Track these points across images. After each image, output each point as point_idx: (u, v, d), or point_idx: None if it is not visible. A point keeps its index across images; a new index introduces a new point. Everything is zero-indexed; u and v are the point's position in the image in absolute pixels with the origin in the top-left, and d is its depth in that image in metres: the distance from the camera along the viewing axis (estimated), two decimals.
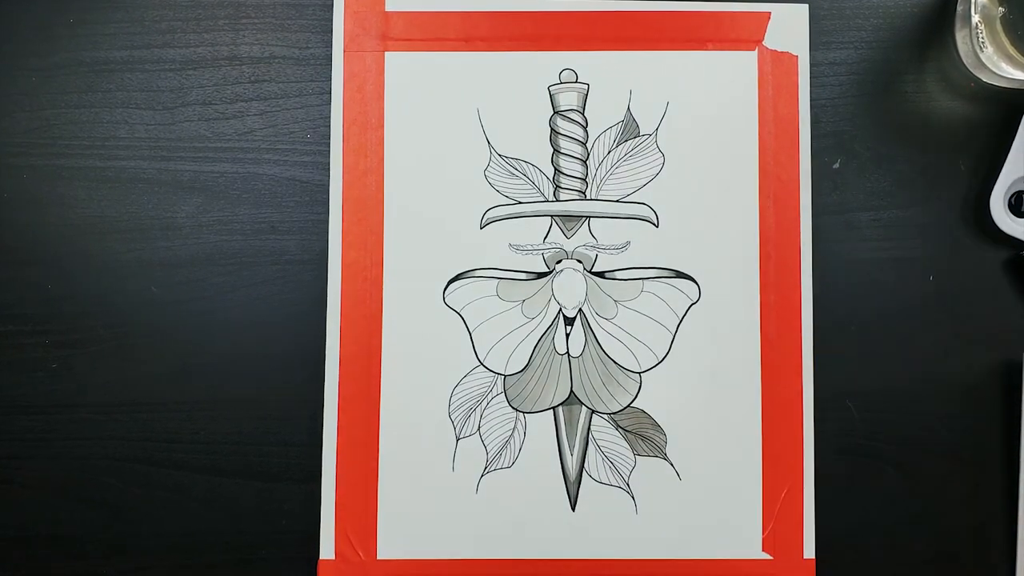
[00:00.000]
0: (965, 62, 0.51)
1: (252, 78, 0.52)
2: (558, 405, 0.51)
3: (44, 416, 0.52)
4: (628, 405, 0.51)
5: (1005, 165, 0.51)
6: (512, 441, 0.51)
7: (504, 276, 0.51)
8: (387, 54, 0.52)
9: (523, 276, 0.51)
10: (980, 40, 0.49)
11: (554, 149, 0.51)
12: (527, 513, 0.50)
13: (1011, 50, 0.48)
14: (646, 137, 0.51)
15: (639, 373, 0.51)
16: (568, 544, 0.50)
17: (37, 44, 0.52)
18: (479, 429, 0.51)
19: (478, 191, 0.51)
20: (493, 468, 0.51)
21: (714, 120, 0.51)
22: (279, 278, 0.52)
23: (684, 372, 0.51)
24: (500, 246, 0.51)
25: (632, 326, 0.51)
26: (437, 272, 0.51)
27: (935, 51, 0.52)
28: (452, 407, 0.51)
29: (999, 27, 0.48)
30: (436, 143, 0.51)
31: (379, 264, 0.51)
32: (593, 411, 0.51)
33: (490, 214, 0.51)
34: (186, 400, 0.51)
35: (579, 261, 0.51)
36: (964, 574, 0.51)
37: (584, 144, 0.51)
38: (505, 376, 0.51)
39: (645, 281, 0.51)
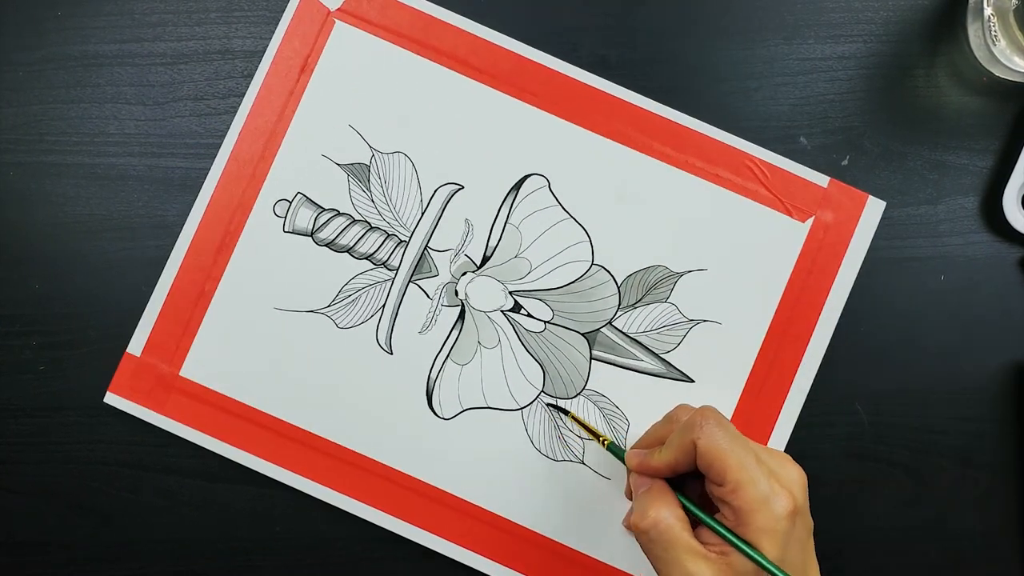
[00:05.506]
0: (977, 56, 0.50)
1: (245, 72, 0.51)
2: (594, 354, 0.50)
3: (32, 419, 0.50)
4: (624, 280, 0.50)
5: (1019, 162, 0.50)
6: (607, 413, 0.50)
7: (445, 352, 0.50)
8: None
9: (454, 335, 0.50)
10: (993, 33, 0.48)
11: (346, 252, 0.50)
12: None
13: None
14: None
15: (595, 263, 0.50)
16: None
17: (24, 38, 0.51)
18: (584, 456, 0.50)
19: (352, 340, 0.50)
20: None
21: None
22: None
23: (625, 226, 0.50)
24: (414, 341, 0.50)
25: (550, 248, 0.50)
26: (415, 410, 0.50)
27: (946, 45, 0.51)
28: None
29: (1012, 20, 0.47)
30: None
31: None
32: (611, 323, 0.50)
33: (380, 335, 0.50)
34: None
35: (463, 273, 0.50)
36: None
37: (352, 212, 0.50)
38: (542, 391, 0.50)
39: (508, 217, 0.50)
